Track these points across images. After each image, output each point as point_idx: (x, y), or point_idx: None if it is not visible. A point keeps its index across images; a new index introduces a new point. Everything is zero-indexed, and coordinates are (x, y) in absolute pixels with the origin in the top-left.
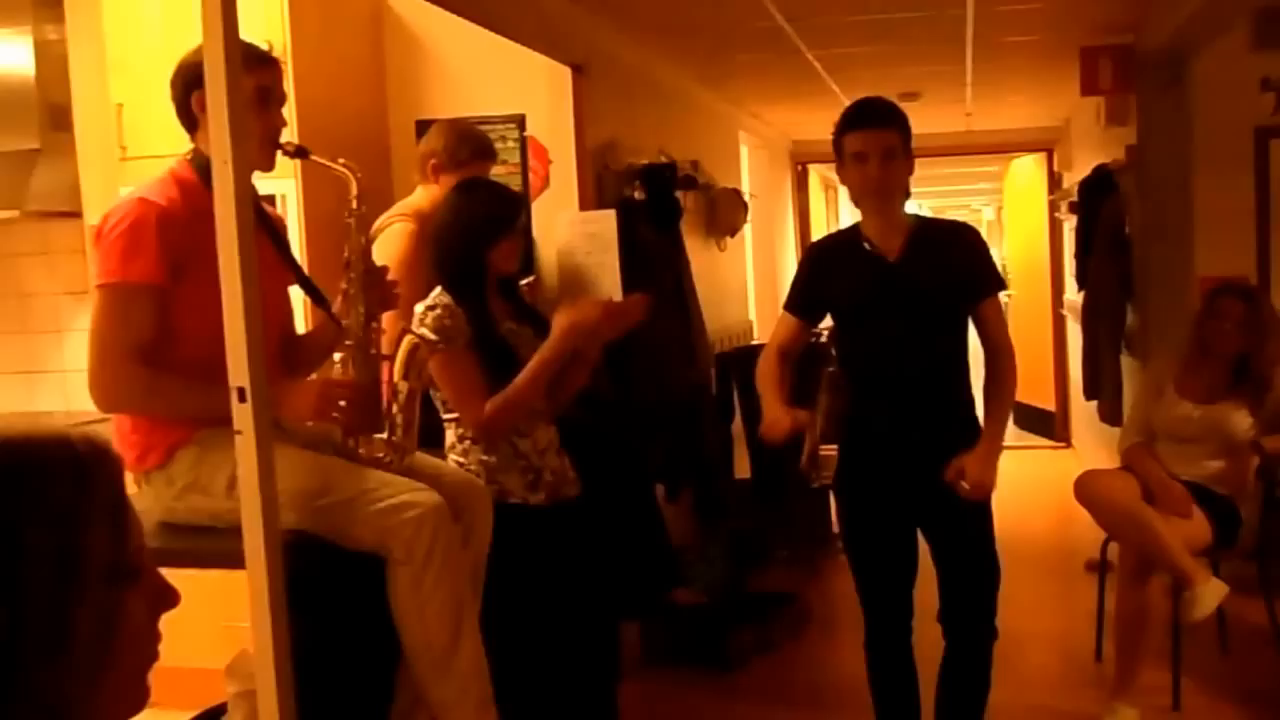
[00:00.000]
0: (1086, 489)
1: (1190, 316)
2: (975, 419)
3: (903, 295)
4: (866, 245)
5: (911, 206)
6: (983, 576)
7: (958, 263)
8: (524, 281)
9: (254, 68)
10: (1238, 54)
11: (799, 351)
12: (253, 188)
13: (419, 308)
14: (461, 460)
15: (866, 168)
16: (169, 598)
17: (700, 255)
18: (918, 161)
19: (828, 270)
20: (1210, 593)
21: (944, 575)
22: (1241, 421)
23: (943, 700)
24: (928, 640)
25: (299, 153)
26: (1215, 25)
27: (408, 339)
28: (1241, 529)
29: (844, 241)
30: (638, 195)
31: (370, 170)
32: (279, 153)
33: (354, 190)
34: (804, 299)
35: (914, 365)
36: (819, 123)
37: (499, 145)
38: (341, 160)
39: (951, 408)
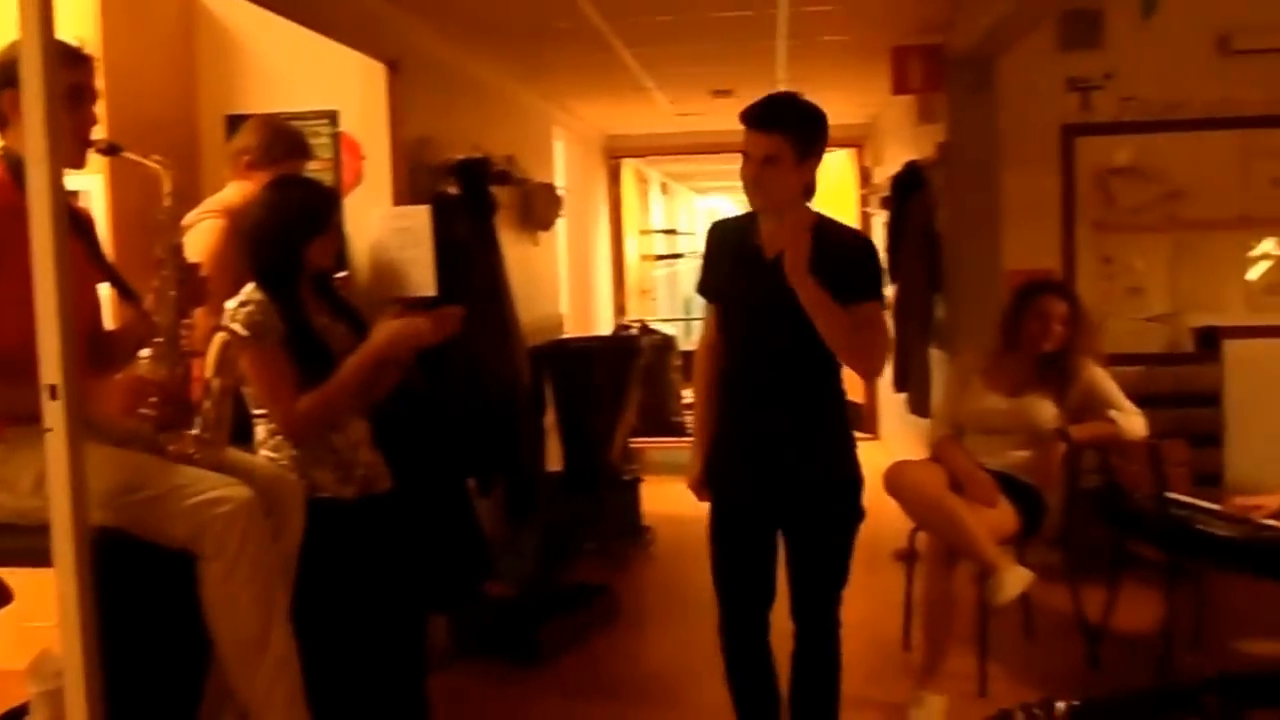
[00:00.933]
0: (895, 479)
1: (998, 310)
2: (846, 422)
3: (770, 293)
4: (755, 238)
5: (723, 203)
6: (831, 573)
7: (831, 267)
8: (337, 276)
9: (67, 65)
10: (1045, 55)
11: None
12: None
13: (231, 304)
14: (273, 455)
15: (747, 167)
16: None
17: (514, 249)
18: (730, 156)
19: (719, 253)
20: (1014, 578)
21: (794, 570)
22: (1047, 411)
23: (795, 692)
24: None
25: (111, 149)
26: (1023, 27)
27: (219, 335)
28: (1047, 517)
29: (739, 228)
30: (452, 190)
31: (179, 166)
32: (91, 149)
33: (167, 186)
34: (706, 282)
35: (779, 363)
36: (633, 118)
37: (312, 140)
38: (155, 156)
39: (818, 409)
